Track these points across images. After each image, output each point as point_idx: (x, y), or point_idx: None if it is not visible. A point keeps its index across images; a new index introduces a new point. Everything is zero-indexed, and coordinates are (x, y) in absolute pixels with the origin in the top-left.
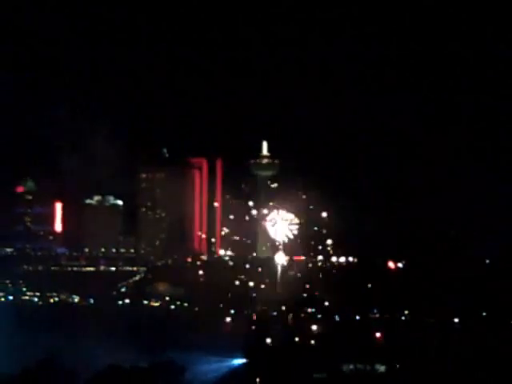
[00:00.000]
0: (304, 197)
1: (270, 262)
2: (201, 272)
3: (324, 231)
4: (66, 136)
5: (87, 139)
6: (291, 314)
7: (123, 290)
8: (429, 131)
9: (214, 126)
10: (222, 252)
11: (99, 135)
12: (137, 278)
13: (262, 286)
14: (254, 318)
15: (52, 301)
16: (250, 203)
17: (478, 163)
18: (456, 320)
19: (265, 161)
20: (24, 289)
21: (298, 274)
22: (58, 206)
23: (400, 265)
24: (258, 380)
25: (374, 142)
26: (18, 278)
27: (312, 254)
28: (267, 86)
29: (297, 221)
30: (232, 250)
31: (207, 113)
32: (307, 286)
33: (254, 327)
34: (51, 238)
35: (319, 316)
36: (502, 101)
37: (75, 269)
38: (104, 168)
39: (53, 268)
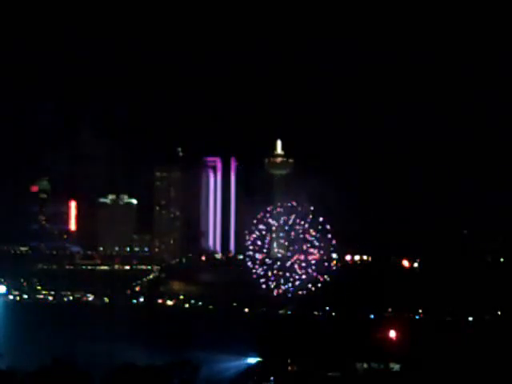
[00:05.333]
0: (318, 196)
1: (283, 261)
2: (215, 271)
3: (338, 230)
4: (80, 136)
5: (102, 139)
6: (305, 313)
7: (137, 288)
8: (441, 134)
9: (228, 125)
10: (235, 251)
11: (114, 135)
12: (151, 276)
13: (276, 286)
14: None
15: (66, 299)
16: (264, 202)
17: (491, 164)
18: (470, 318)
19: (279, 159)
20: (39, 287)
21: (312, 273)
22: (73, 205)
23: (414, 263)
24: (272, 379)
25: (388, 141)
26: (32, 277)
27: (326, 252)
28: (281, 86)
29: None
30: (246, 249)
31: (221, 112)
32: (321, 285)
33: (267, 326)
34: (66, 236)
35: (333, 314)
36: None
37: (89, 267)
38: (118, 167)
39: (67, 267)
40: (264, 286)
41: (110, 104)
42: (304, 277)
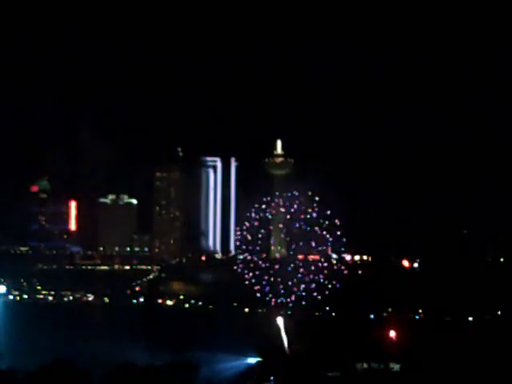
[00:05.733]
0: (318, 195)
1: (283, 262)
2: (214, 271)
3: (339, 230)
4: (80, 136)
5: (102, 139)
6: (305, 313)
7: (137, 288)
8: (441, 134)
9: (228, 125)
10: (235, 251)
11: (114, 135)
12: (151, 276)
13: (276, 286)
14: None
15: (66, 299)
16: (264, 202)
17: (491, 164)
18: (470, 318)
19: (279, 159)
20: (39, 287)
21: (312, 274)
22: (73, 205)
23: (414, 263)
24: (272, 378)
25: (388, 141)
26: (32, 277)
27: (326, 252)
28: (281, 86)
29: None
30: (246, 250)
31: (221, 112)
32: (321, 285)
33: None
34: (65, 236)
35: (333, 314)
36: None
37: (89, 267)
38: (118, 167)
39: (67, 267)
40: (259, 295)
41: (110, 104)
42: (313, 286)
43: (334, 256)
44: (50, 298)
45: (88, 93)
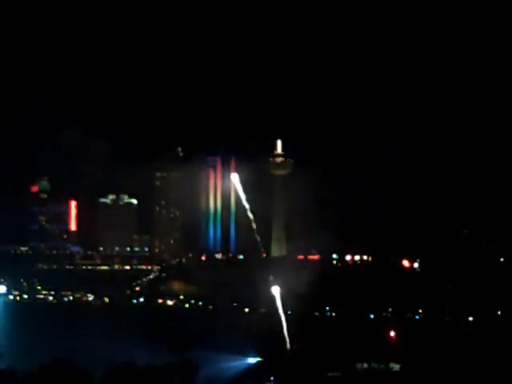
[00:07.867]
0: (318, 195)
1: (283, 262)
2: (215, 271)
3: (338, 230)
4: (80, 136)
5: (102, 139)
6: (305, 314)
7: (137, 288)
8: (441, 133)
9: (228, 125)
10: (235, 251)
11: (114, 135)
12: (151, 276)
13: (276, 285)
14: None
15: (66, 299)
16: (265, 201)
17: (492, 164)
18: (470, 318)
19: (279, 159)
20: (39, 287)
21: (312, 274)
22: (73, 205)
23: (414, 263)
24: (272, 379)
25: (389, 142)
26: (32, 277)
27: (326, 252)
28: (281, 86)
29: None
30: (246, 249)
31: (221, 112)
32: (321, 286)
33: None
34: (66, 236)
35: (333, 315)
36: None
37: (90, 267)
38: (118, 167)
39: (67, 267)
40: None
41: (110, 104)
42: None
43: (334, 256)
44: (50, 297)
45: (88, 92)
